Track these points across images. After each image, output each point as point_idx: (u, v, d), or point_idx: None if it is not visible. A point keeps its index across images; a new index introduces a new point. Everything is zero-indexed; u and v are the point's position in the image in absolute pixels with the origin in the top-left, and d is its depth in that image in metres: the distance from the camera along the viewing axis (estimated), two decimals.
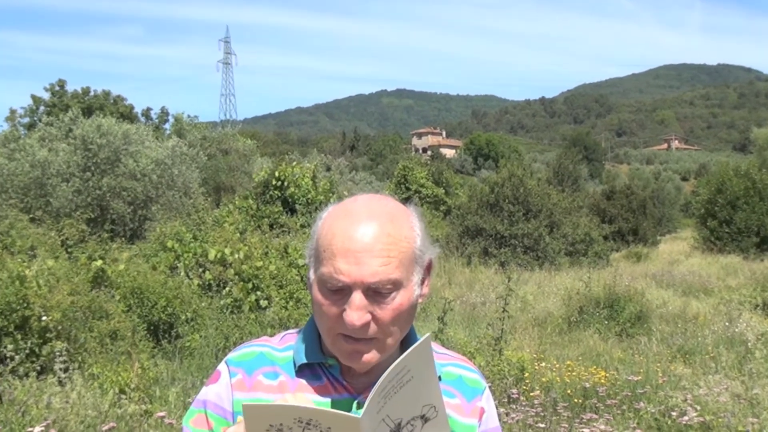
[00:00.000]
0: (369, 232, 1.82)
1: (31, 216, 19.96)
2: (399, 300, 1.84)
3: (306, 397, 1.86)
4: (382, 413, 1.64)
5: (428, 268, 1.96)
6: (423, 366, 1.68)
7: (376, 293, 1.81)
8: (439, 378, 1.92)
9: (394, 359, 1.68)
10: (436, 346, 2.07)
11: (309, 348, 1.98)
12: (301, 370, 1.96)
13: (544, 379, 9.64)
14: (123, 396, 8.39)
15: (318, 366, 1.97)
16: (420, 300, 1.93)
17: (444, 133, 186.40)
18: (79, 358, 9.60)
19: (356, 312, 1.79)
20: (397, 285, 1.83)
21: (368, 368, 1.89)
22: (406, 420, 1.70)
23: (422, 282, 1.93)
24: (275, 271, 14.48)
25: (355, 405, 1.90)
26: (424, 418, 1.73)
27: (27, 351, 9.33)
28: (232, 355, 2.04)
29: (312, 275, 1.91)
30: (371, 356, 1.86)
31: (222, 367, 2.02)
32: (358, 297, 1.80)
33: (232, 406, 1.94)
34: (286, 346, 2.03)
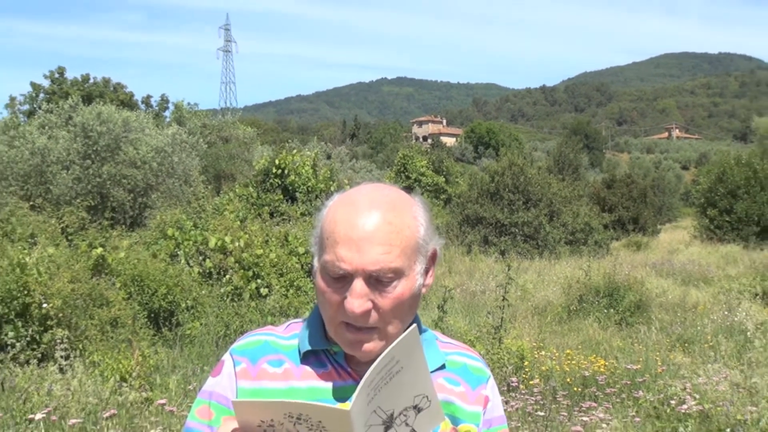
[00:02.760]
0: (371, 221, 1.83)
1: (31, 203, 19.94)
2: (400, 289, 1.84)
3: (309, 382, 1.92)
4: (372, 404, 1.65)
5: (432, 258, 1.96)
6: (412, 357, 1.68)
7: (377, 281, 1.82)
8: (444, 366, 1.94)
9: None
10: (440, 335, 2.10)
11: (313, 335, 1.98)
12: (306, 357, 1.97)
13: (543, 368, 9.66)
14: (124, 383, 8.40)
15: (323, 353, 1.98)
16: (424, 289, 1.93)
17: (444, 121, 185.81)
18: (80, 346, 9.62)
19: (357, 299, 1.80)
20: (398, 273, 1.83)
21: (371, 357, 1.84)
22: (398, 411, 1.70)
23: (426, 272, 1.93)
24: (275, 259, 14.48)
25: (353, 393, 1.89)
26: (417, 408, 1.73)
27: (28, 338, 9.35)
28: (236, 345, 2.04)
29: (316, 263, 1.92)
30: (373, 345, 1.87)
31: (226, 357, 2.03)
32: (359, 285, 1.80)
33: (237, 395, 1.94)
34: (291, 334, 2.04)
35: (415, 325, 1.71)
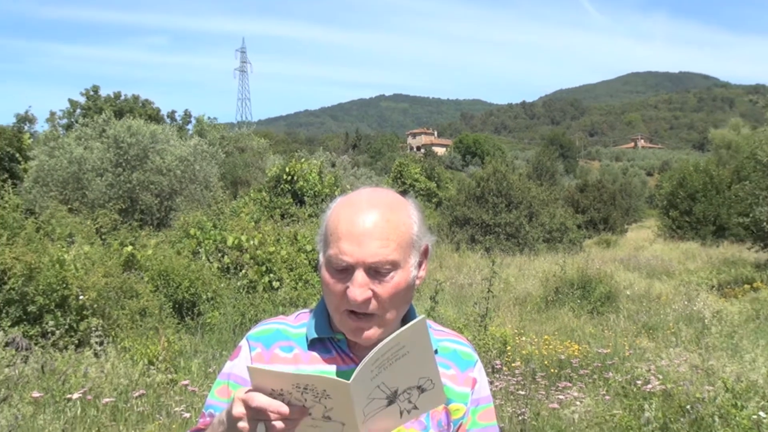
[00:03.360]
0: (370, 218, 1.85)
1: (69, 207, 19.92)
2: (397, 279, 1.86)
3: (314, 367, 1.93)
4: (376, 381, 1.66)
5: (425, 253, 1.97)
6: (419, 344, 1.68)
7: (376, 272, 1.83)
8: (436, 351, 1.94)
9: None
10: (433, 323, 2.09)
11: (319, 325, 2.00)
12: (312, 344, 1.99)
13: (524, 352, 9.66)
14: (151, 366, 8.40)
15: (328, 340, 1.99)
16: (417, 281, 1.94)
17: (436, 133, 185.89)
18: (113, 333, 9.62)
19: (358, 288, 1.81)
20: (395, 265, 1.85)
21: (371, 342, 1.86)
22: (402, 389, 1.71)
23: (419, 265, 1.94)
24: (286, 256, 14.47)
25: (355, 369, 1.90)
26: (421, 389, 1.73)
27: (66, 326, 9.35)
28: (251, 332, 2.06)
29: (321, 258, 1.93)
30: (373, 332, 1.88)
31: (243, 343, 2.05)
32: (360, 275, 1.82)
33: (252, 377, 1.94)
34: (300, 323, 2.04)
35: (423, 316, 1.70)
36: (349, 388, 1.61)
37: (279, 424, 1.64)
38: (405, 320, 1.98)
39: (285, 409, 1.63)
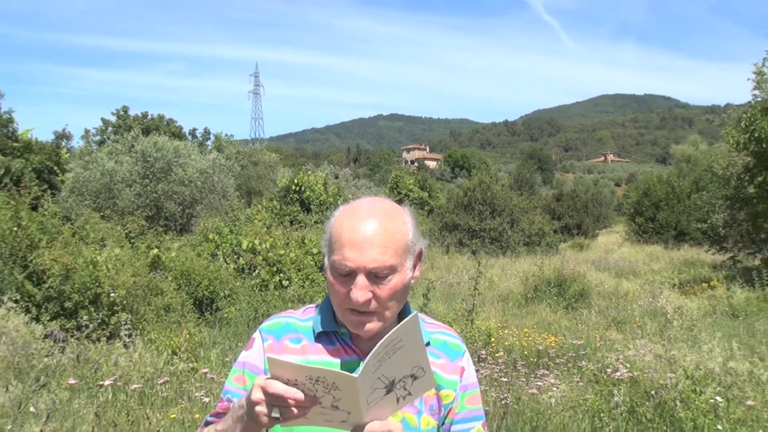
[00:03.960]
0: (370, 228, 1.85)
1: (101, 214, 19.91)
2: (394, 281, 1.87)
3: (321, 358, 1.95)
4: (377, 373, 1.68)
5: (419, 256, 1.97)
6: (412, 337, 1.70)
7: (376, 276, 1.84)
8: (428, 343, 1.95)
9: (392, 328, 1.71)
10: (426, 317, 2.11)
11: (325, 319, 2.01)
12: (319, 337, 2.00)
13: (506, 343, 9.66)
14: (174, 356, 8.39)
15: (332, 333, 2.00)
16: (413, 281, 1.95)
17: (428, 148, 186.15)
18: (140, 326, 9.62)
19: (360, 291, 1.83)
20: (392, 269, 1.86)
21: (371, 335, 1.91)
22: (398, 378, 1.72)
23: (414, 267, 1.95)
24: (294, 258, 14.47)
25: (361, 364, 1.90)
26: (414, 377, 1.74)
27: (99, 321, 9.35)
28: (264, 325, 2.07)
29: (326, 261, 1.93)
30: (373, 326, 1.89)
31: (256, 335, 2.06)
32: (361, 279, 1.83)
33: (264, 365, 1.97)
34: (307, 317, 2.05)
35: (415, 312, 1.72)
36: (356, 381, 1.63)
37: (293, 410, 1.66)
38: (400, 315, 2.00)
39: (300, 395, 1.65)
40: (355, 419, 1.71)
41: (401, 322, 1.69)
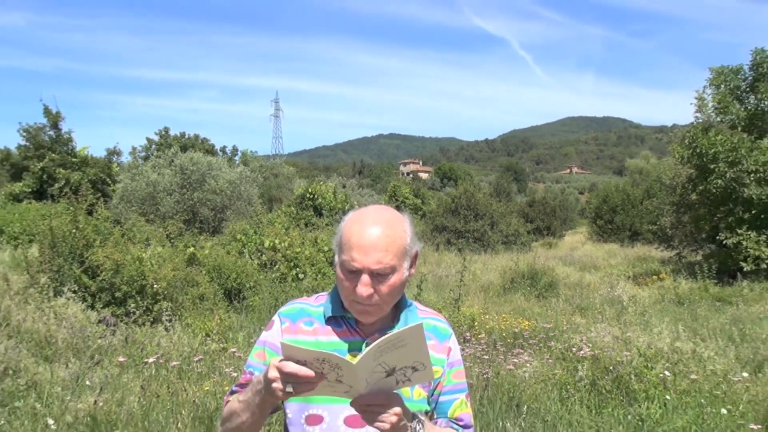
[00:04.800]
0: (374, 233, 1.88)
1: (146, 218, 19.92)
2: (393, 279, 1.90)
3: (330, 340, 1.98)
4: (378, 361, 1.70)
5: (414, 257, 2.00)
6: (415, 341, 1.71)
7: (378, 275, 1.88)
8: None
9: (389, 316, 1.82)
10: (419, 305, 2.13)
11: (334, 306, 2.03)
12: (328, 320, 2.02)
13: (487, 327, 9.64)
14: (207, 338, 8.40)
15: (340, 318, 2.02)
16: (408, 278, 1.98)
17: (421, 162, 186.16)
18: (179, 313, 9.61)
19: (364, 287, 1.87)
20: (392, 269, 1.89)
21: (372, 321, 1.96)
22: (399, 367, 1.73)
23: (410, 266, 1.98)
24: (309, 255, 14.45)
25: (364, 345, 1.94)
26: (414, 369, 1.75)
27: (144, 308, 9.34)
28: (281, 310, 2.09)
29: (337, 259, 1.95)
30: (374, 315, 1.95)
31: (275, 318, 2.08)
32: (365, 277, 1.87)
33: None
34: (319, 303, 2.07)
35: (421, 322, 1.71)
36: (355, 366, 1.67)
37: (304, 384, 1.70)
38: (398, 306, 2.03)
39: (311, 373, 1.68)
40: (356, 392, 1.74)
41: (407, 327, 1.71)
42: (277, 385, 1.71)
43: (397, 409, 1.75)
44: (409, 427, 1.82)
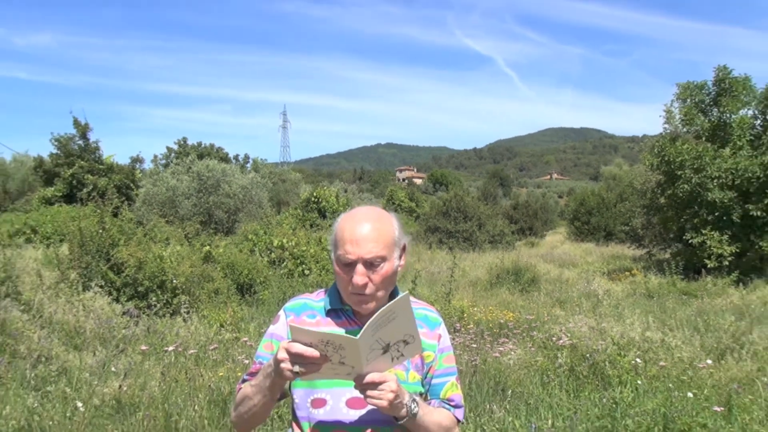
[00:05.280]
0: (365, 228, 1.91)
1: (166, 220, 19.90)
2: (385, 269, 1.93)
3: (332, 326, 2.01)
4: (375, 336, 1.73)
5: (403, 249, 2.03)
6: (403, 312, 1.75)
7: (371, 265, 1.90)
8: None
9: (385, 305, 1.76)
10: (413, 298, 2.13)
11: (333, 299, 2.06)
12: (328, 313, 2.05)
13: (475, 318, 9.64)
14: (222, 328, 8.39)
15: (339, 310, 2.05)
16: (399, 268, 2.00)
17: (415, 169, 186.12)
18: (196, 306, 9.61)
19: (359, 276, 1.89)
20: (383, 258, 1.92)
21: (369, 311, 1.95)
22: (393, 342, 1.77)
23: (400, 257, 2.00)
24: (313, 253, 14.46)
25: (362, 329, 1.94)
26: (405, 342, 1.79)
27: (164, 301, 9.34)
28: (286, 305, 2.12)
29: (333, 256, 1.99)
30: (370, 305, 1.96)
31: (281, 312, 2.10)
32: (360, 267, 1.90)
33: (287, 335, 2.02)
34: (320, 299, 2.10)
35: (407, 292, 1.76)
36: (357, 342, 1.69)
37: (310, 365, 1.73)
38: (392, 296, 2.03)
39: (316, 354, 1.71)
40: (357, 372, 1.77)
41: (395, 299, 1.75)
42: (286, 365, 1.73)
43: (393, 386, 1.78)
44: (405, 405, 1.84)
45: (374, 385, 1.77)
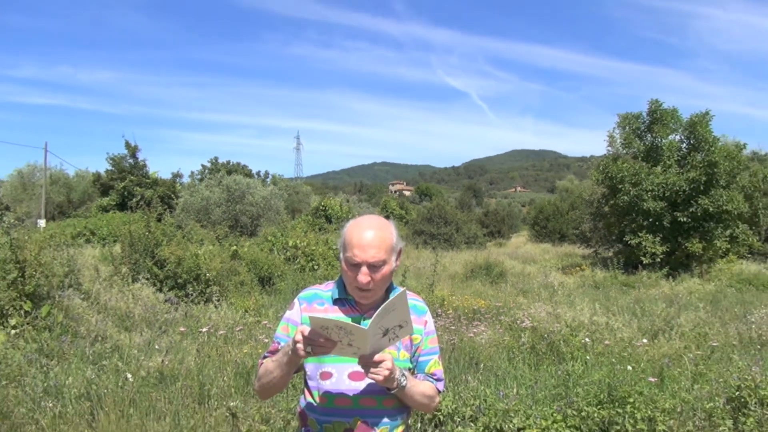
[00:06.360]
0: (369, 235, 1.91)
1: (200, 224, 19.86)
2: (385, 270, 1.93)
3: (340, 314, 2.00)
4: (378, 324, 1.75)
5: (399, 252, 2.03)
6: (400, 304, 1.78)
7: (373, 266, 1.91)
8: None
9: (383, 299, 1.89)
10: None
11: (339, 290, 2.05)
12: (335, 302, 2.04)
13: (454, 305, 9.62)
14: (246, 313, 8.36)
15: (344, 299, 2.04)
16: (395, 268, 2.00)
17: (405, 183, 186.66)
18: (225, 295, 9.57)
19: (364, 276, 1.90)
20: (384, 262, 1.92)
21: (370, 303, 1.97)
22: (390, 327, 1.80)
23: (396, 259, 2.00)
24: (321, 252, 14.45)
25: (361, 319, 1.97)
26: (400, 326, 1.82)
27: (199, 291, 9.30)
28: (300, 295, 2.11)
29: (341, 256, 1.98)
30: (371, 298, 1.97)
31: (295, 300, 2.10)
32: (364, 268, 1.90)
33: (301, 320, 2.01)
34: (328, 289, 2.09)
35: (404, 289, 1.82)
36: (366, 332, 1.73)
37: (321, 346, 1.76)
38: (388, 290, 2.04)
39: (328, 337, 1.74)
40: (362, 352, 1.79)
41: (395, 295, 1.80)
42: (301, 345, 1.75)
43: (389, 364, 1.81)
44: (396, 379, 1.86)
45: (375, 364, 1.80)
